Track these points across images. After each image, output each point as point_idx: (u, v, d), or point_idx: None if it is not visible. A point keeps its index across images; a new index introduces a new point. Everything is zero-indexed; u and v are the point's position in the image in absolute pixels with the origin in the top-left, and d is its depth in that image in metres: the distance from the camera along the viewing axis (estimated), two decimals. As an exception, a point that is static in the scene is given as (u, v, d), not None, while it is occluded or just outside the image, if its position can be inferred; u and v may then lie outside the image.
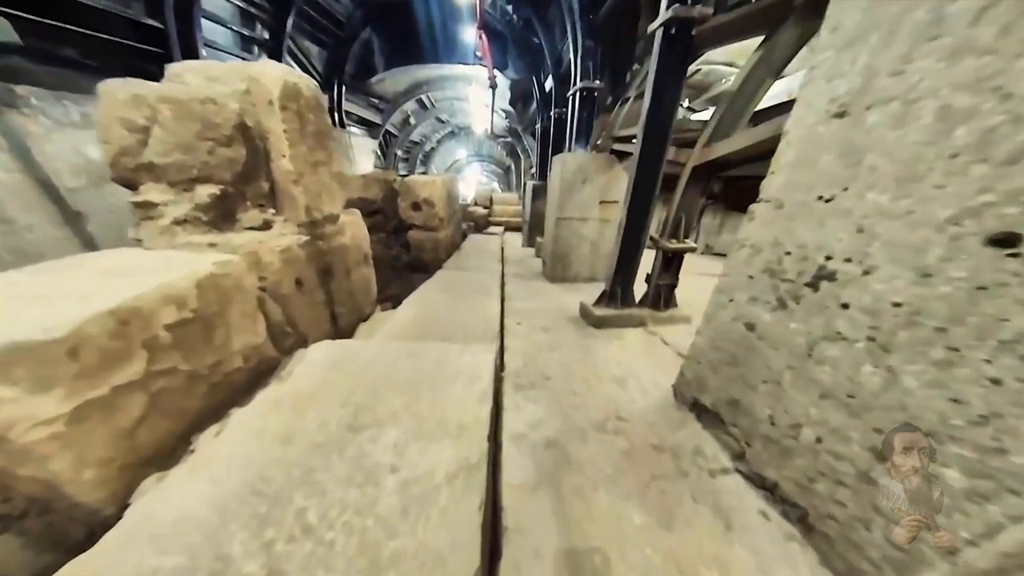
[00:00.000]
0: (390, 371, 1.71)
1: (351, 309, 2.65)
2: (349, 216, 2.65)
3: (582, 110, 4.80)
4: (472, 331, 2.82)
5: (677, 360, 2.96)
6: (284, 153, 1.91)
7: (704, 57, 5.85)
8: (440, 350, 1.92)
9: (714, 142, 3.17)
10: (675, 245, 3.44)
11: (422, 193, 5.30)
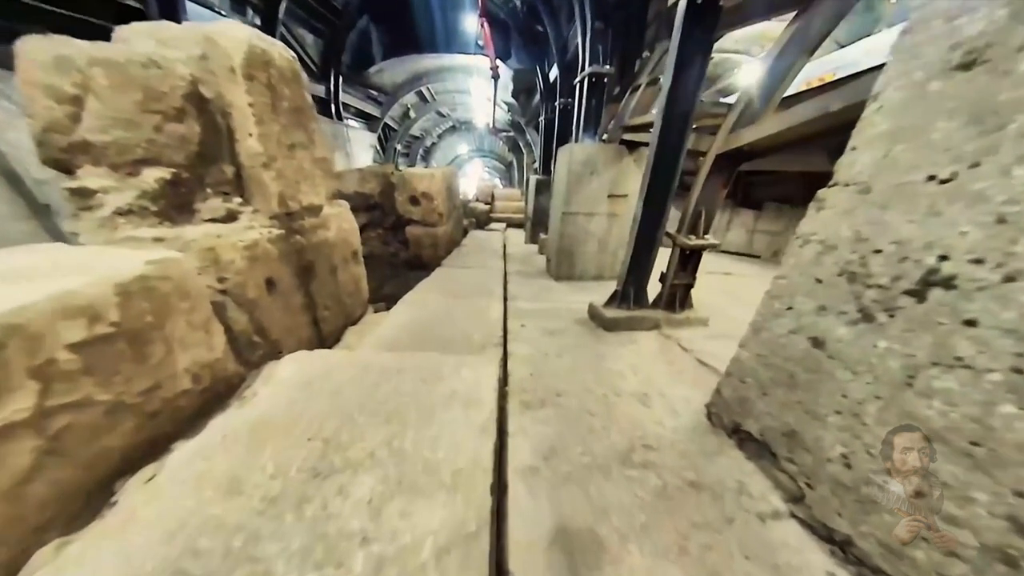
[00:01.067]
0: (372, 392, 1.40)
1: (337, 312, 2.35)
2: (335, 208, 2.34)
3: (590, 97, 4.46)
4: (472, 337, 2.51)
5: (700, 369, 2.66)
6: (251, 132, 1.60)
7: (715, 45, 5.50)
8: (433, 364, 1.61)
9: (740, 128, 2.84)
10: (694, 242, 3.13)
11: (420, 186, 4.98)
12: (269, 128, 1.68)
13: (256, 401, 1.38)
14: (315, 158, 2.07)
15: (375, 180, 6.02)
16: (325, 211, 2.19)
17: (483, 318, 3.00)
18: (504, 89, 9.66)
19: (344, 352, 1.72)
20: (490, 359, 1.68)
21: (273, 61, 1.71)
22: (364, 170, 6.13)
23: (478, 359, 1.70)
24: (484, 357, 1.76)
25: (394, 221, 6.07)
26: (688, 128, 2.77)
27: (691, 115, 2.75)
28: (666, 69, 2.75)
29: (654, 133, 2.84)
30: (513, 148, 17.89)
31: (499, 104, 10.63)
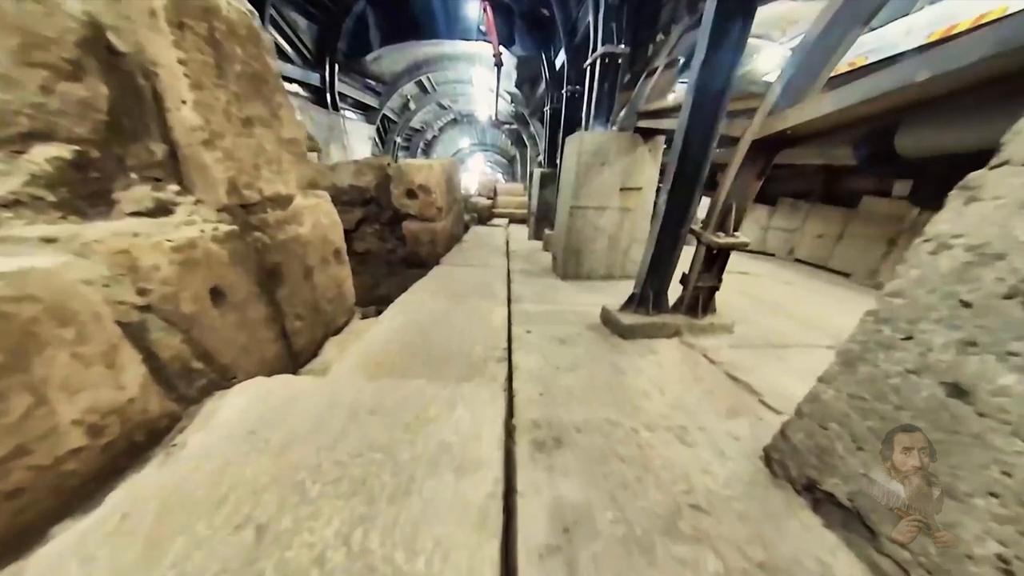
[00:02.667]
0: (335, 445, 1.04)
1: (314, 322, 1.98)
2: (310, 200, 1.96)
3: (602, 81, 4.03)
4: (472, 349, 2.14)
5: (733, 388, 2.29)
6: (183, 98, 1.22)
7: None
8: (419, 398, 1.24)
9: (781, 110, 2.43)
10: (723, 240, 2.73)
11: (417, 179, 4.59)
12: (211, 96, 1.30)
13: (181, 457, 1.02)
14: (281, 138, 1.68)
15: (371, 173, 5.63)
16: (297, 203, 1.81)
17: (484, 324, 2.63)
18: (507, 78, 9.18)
19: (309, 380, 1.36)
20: (493, 395, 1.31)
21: (217, 10, 1.32)
22: (360, 162, 5.74)
23: (477, 390, 1.33)
24: (485, 385, 1.39)
25: (391, 216, 5.68)
26: (722, 109, 2.37)
27: (726, 94, 2.34)
28: (699, 39, 2.34)
29: (683, 115, 2.43)
30: (516, 141, 17.37)
31: (502, 95, 10.15)
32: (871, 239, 5.94)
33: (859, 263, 6.02)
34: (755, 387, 2.31)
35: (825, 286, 5.50)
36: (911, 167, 5.44)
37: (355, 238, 6.11)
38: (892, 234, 5.70)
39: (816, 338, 3.25)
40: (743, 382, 2.39)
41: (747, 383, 2.37)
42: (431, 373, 1.79)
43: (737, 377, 2.44)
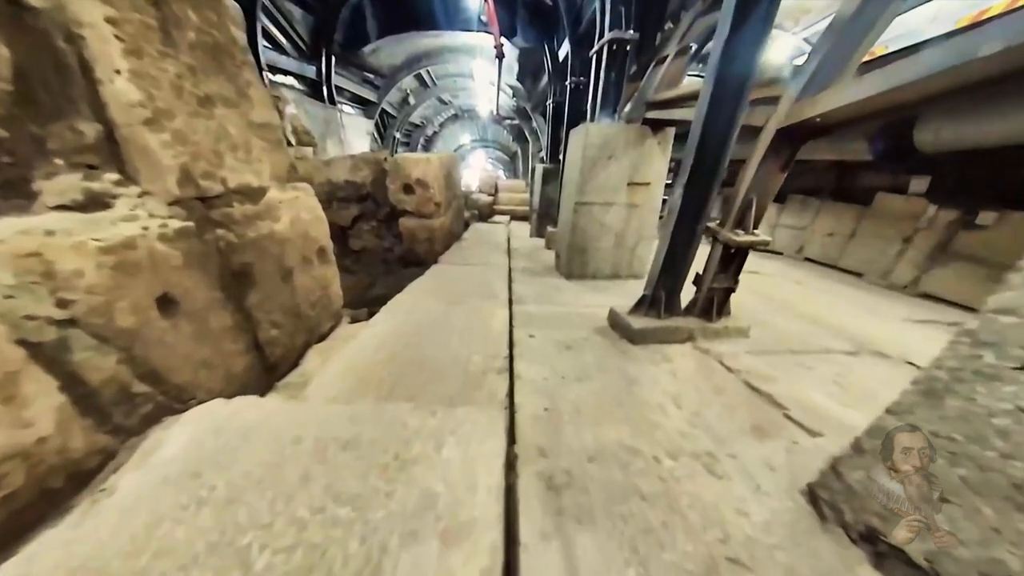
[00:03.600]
0: (293, 496, 0.83)
1: (293, 330, 1.77)
2: (288, 192, 1.74)
3: (609, 70, 3.79)
4: (469, 359, 1.93)
5: (756, 401, 2.08)
6: (117, 67, 1.00)
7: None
8: (401, 430, 1.04)
9: (810, 95, 2.20)
10: (742, 238, 2.51)
11: (414, 173, 4.36)
12: (155, 66, 1.08)
13: (105, 510, 0.81)
14: (251, 122, 1.46)
15: (367, 167, 5.41)
16: (272, 196, 1.59)
17: (484, 329, 2.42)
18: (509, 72, 8.90)
19: (275, 404, 1.15)
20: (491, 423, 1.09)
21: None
22: (356, 157, 5.52)
23: (472, 417, 1.12)
24: (482, 410, 1.18)
25: (388, 213, 5.46)
26: (746, 95, 2.13)
27: (751, 78, 2.11)
28: (721, 17, 2.11)
29: (701, 102, 2.20)
30: (518, 137, 17.07)
31: (503, 89, 9.86)
32: (885, 238, 5.70)
33: (872, 262, 5.79)
34: (778, 399, 2.10)
35: (837, 286, 5.28)
36: (929, 163, 5.20)
37: (351, 235, 5.90)
38: (908, 233, 5.46)
39: (835, 343, 3.03)
40: (764, 393, 2.19)
41: (769, 394, 2.16)
42: (422, 389, 1.58)
43: (758, 388, 2.23)
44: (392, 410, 1.12)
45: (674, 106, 3.40)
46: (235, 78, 1.40)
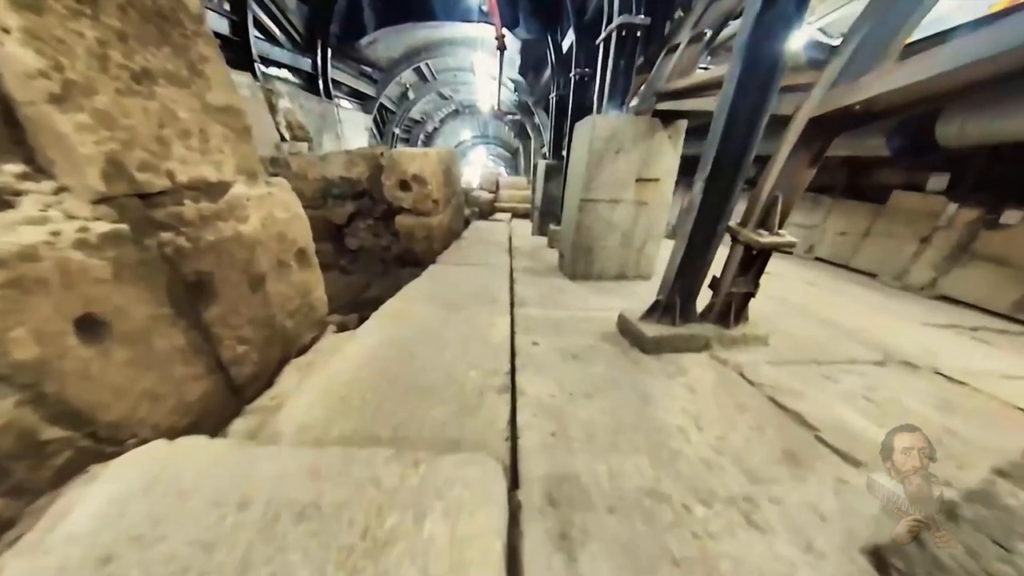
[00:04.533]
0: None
1: (266, 345, 1.54)
2: (259, 188, 1.50)
3: (618, 58, 3.54)
4: (465, 377, 1.71)
5: (784, 421, 1.85)
6: (5, 24, 0.77)
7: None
8: (373, 495, 0.82)
9: (847, 80, 1.96)
10: (766, 239, 2.28)
11: (411, 168, 4.12)
12: (63, 27, 0.85)
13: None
14: (208, 105, 1.23)
15: (363, 163, 5.17)
16: (236, 192, 1.35)
17: (483, 340, 2.19)
18: (510, 65, 8.61)
19: (226, 449, 0.90)
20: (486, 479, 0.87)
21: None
22: (352, 152, 5.28)
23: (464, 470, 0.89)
24: (477, 461, 0.95)
25: (385, 210, 5.23)
26: (778, 77, 1.89)
27: (782, 61, 1.86)
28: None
29: (727, 87, 1.96)
30: (519, 133, 16.76)
31: (504, 82, 9.57)
32: (901, 237, 5.46)
33: (886, 263, 5.55)
34: (809, 419, 1.89)
35: (851, 287, 5.05)
36: (949, 159, 4.95)
37: (347, 234, 5.67)
38: (925, 232, 5.22)
39: (860, 351, 2.81)
40: (792, 411, 1.98)
41: (798, 413, 1.95)
42: (409, 415, 1.36)
43: (784, 405, 2.02)
44: (365, 460, 0.89)
45: (688, 96, 3.15)
46: (184, 51, 1.16)
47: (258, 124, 5.48)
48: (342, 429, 1.33)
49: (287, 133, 5.96)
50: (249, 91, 5.26)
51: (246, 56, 5.72)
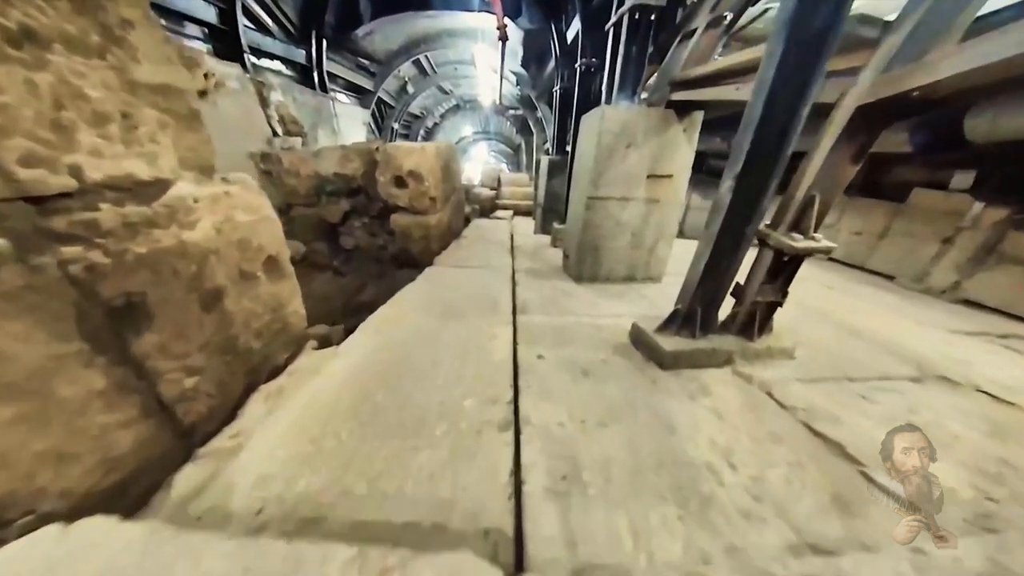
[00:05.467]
0: None
1: (225, 373, 1.28)
2: (213, 187, 1.24)
3: (630, 44, 3.25)
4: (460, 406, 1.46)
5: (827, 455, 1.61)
6: None
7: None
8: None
9: (903, 63, 1.68)
10: (800, 243, 2.02)
11: (407, 163, 3.84)
12: None
13: None
14: (134, 82, 0.97)
15: (359, 159, 4.89)
16: (179, 192, 1.08)
17: (482, 357, 1.94)
18: (512, 57, 8.27)
19: (129, 540, 0.66)
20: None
21: None
22: (347, 147, 5.00)
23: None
24: (474, 563, 0.70)
25: (381, 208, 4.96)
26: (826, 57, 1.61)
27: (834, 32, 1.58)
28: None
29: (765, 68, 1.69)
30: (521, 129, 16.39)
31: (506, 76, 9.23)
32: (921, 237, 5.18)
33: (905, 264, 5.28)
34: (852, 451, 1.64)
35: (870, 290, 4.79)
36: (975, 156, 4.66)
37: (342, 233, 5.41)
38: (948, 232, 4.93)
39: (892, 365, 2.56)
40: (833, 442, 1.73)
41: (839, 444, 1.71)
42: (389, 464, 1.12)
43: (823, 434, 1.78)
44: (315, 562, 0.64)
45: (707, 84, 2.86)
46: (96, 11, 0.89)
47: (248, 117, 5.19)
48: (308, 483, 1.08)
49: (280, 127, 5.68)
50: (238, 83, 4.98)
51: (236, 46, 5.44)
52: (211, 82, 4.35)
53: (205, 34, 5.37)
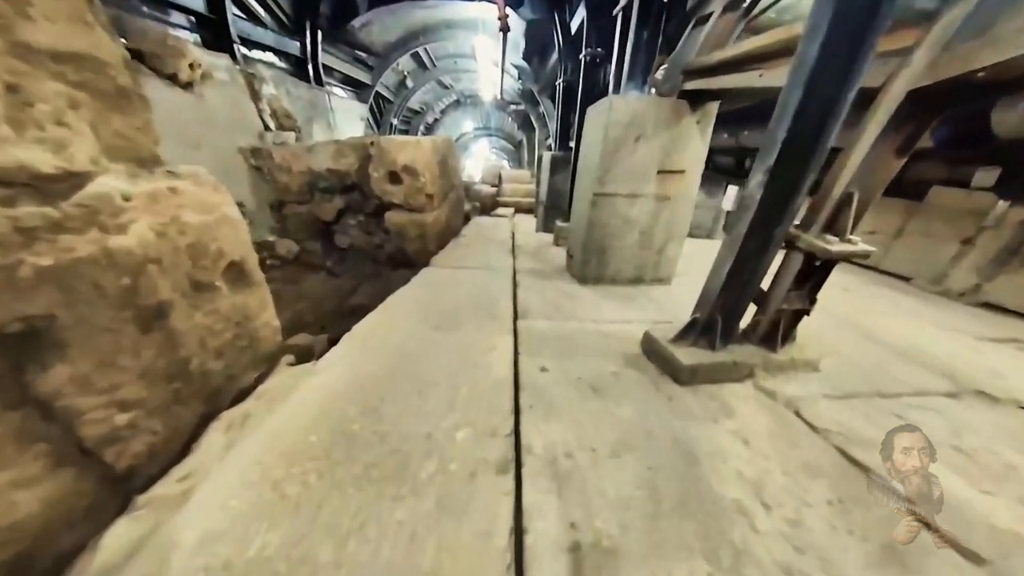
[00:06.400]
0: None
1: (174, 403, 1.06)
2: (152, 182, 1.02)
3: (641, 29, 3.01)
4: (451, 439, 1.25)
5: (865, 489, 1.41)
6: None
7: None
8: None
9: (965, 39, 1.45)
10: (836, 247, 1.81)
11: (401, 158, 3.61)
12: None
13: None
14: (26, 47, 0.74)
15: (353, 154, 4.66)
16: (101, 189, 0.85)
17: (478, 376, 1.72)
18: (514, 49, 7.99)
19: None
20: None
21: None
22: (341, 142, 4.77)
23: None
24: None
25: (377, 205, 4.74)
26: (878, 28, 1.38)
27: (888, 3, 1.35)
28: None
29: (806, 49, 1.45)
30: (523, 124, 16.08)
31: (508, 69, 8.94)
32: (939, 237, 4.95)
33: (922, 265, 5.04)
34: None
35: (887, 293, 4.57)
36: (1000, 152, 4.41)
37: (336, 231, 5.20)
38: (969, 232, 4.70)
39: (924, 377, 2.35)
40: (874, 472, 1.52)
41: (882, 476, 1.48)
42: (362, 524, 0.90)
43: (862, 463, 1.59)
44: None
45: (725, 72, 2.62)
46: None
47: (238, 111, 4.95)
48: (265, 543, 0.88)
49: (272, 122, 5.44)
50: (227, 74, 4.74)
51: (225, 36, 5.19)
52: (197, 73, 4.11)
53: (192, 23, 5.12)
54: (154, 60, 3.66)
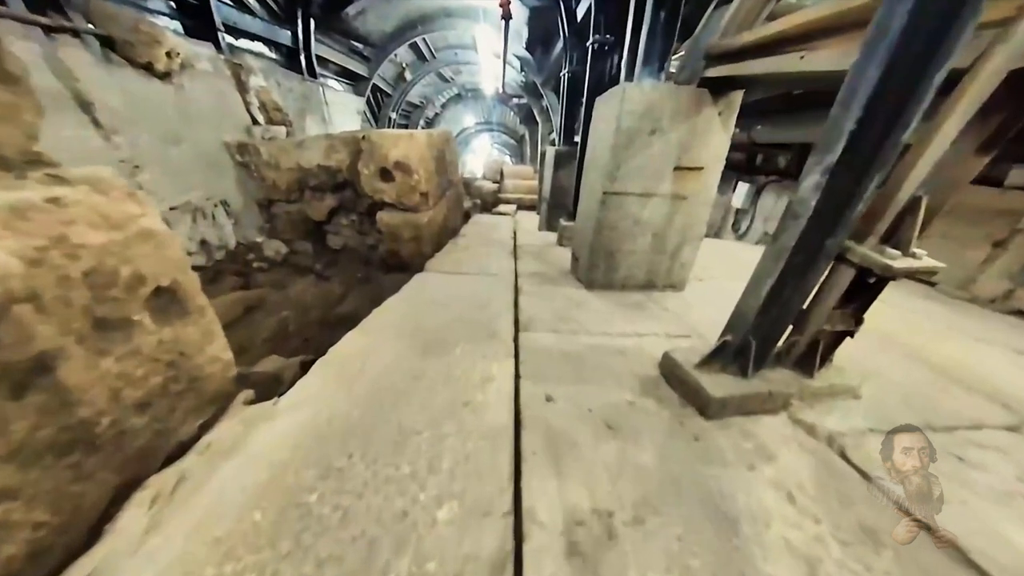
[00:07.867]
0: None
1: (74, 478, 0.80)
2: (16, 192, 0.74)
3: (659, 8, 2.67)
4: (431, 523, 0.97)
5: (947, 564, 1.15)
6: None
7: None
8: None
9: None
10: (900, 263, 1.52)
11: (393, 153, 3.30)
12: None
13: None
14: None
15: (345, 149, 4.36)
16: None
17: (470, 421, 1.43)
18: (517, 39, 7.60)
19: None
20: None
21: None
22: (332, 137, 4.47)
23: None
24: None
25: (370, 204, 4.44)
26: None
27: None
28: None
29: (884, 18, 1.14)
30: (525, 119, 15.63)
31: (509, 60, 8.55)
32: (967, 240, 4.62)
33: (948, 270, 4.72)
34: (974, 556, 1.17)
35: (915, 301, 4.26)
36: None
37: (328, 232, 4.91)
38: (1001, 235, 4.38)
39: (977, 405, 2.07)
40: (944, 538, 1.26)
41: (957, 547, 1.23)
42: None
43: (928, 525, 1.29)
44: None
45: (756, 56, 2.30)
46: None
47: (223, 103, 4.64)
48: None
49: (261, 115, 5.13)
50: (211, 64, 4.42)
51: (209, 25, 4.86)
52: (175, 62, 3.80)
53: (172, 9, 4.79)
54: (126, 48, 3.36)
